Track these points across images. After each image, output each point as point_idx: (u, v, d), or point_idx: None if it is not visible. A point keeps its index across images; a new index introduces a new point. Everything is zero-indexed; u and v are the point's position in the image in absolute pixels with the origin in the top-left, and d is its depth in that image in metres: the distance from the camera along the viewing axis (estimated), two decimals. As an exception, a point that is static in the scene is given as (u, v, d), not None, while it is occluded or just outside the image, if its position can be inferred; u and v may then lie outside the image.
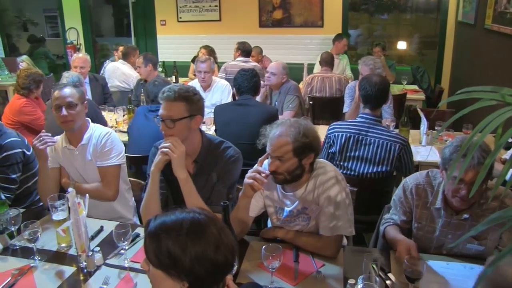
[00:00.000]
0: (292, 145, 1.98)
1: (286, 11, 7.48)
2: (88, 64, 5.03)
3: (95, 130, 2.69)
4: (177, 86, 2.20)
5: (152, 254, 1.23)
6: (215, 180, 2.30)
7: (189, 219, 1.24)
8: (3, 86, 7.38)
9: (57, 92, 2.57)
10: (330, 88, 5.26)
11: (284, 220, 2.20)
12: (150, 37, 8.35)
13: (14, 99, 4.37)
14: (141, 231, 2.30)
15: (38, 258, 2.09)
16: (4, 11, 9.73)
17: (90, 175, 2.68)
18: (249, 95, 3.54)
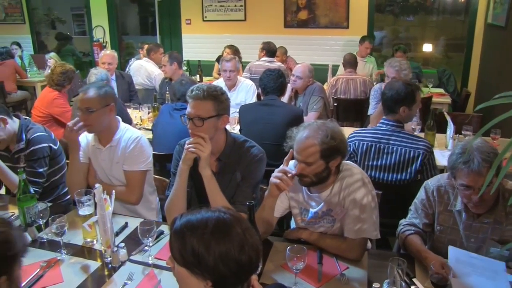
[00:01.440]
0: (319, 148, 1.97)
1: (312, 11, 7.45)
2: (115, 61, 5.12)
3: (125, 133, 2.68)
4: (205, 85, 2.20)
5: (177, 252, 1.23)
6: (239, 180, 2.29)
7: (214, 218, 1.24)
8: (32, 82, 7.53)
9: (81, 94, 2.56)
10: (355, 90, 5.22)
11: (309, 221, 2.20)
12: (175, 36, 8.42)
13: (46, 92, 4.46)
14: (165, 228, 2.33)
15: (65, 251, 2.12)
16: (34, 10, 9.94)
17: (116, 176, 2.70)
18: (274, 95, 3.53)
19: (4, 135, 2.62)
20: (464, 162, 1.88)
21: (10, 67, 7.15)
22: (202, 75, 6.63)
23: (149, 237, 2.00)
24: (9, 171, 2.64)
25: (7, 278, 1.22)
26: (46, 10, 11.44)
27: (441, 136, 3.85)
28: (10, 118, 2.69)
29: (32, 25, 9.75)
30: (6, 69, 7.09)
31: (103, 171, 2.70)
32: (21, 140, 2.71)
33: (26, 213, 2.28)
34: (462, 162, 1.88)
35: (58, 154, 2.87)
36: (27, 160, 2.68)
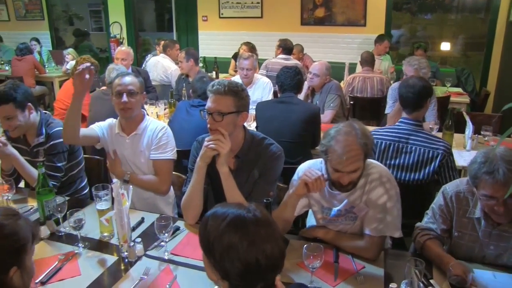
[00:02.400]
0: (363, 153, 1.96)
1: (328, 9, 7.40)
2: (130, 57, 5.14)
3: (151, 123, 2.75)
4: (227, 81, 2.21)
5: (200, 238, 1.28)
6: (257, 177, 2.29)
7: (235, 213, 1.26)
8: (50, 77, 7.62)
9: (119, 79, 2.65)
10: (372, 89, 5.19)
11: (331, 219, 2.18)
12: (191, 33, 8.43)
13: (69, 85, 4.53)
14: (181, 224, 2.34)
15: (82, 245, 2.14)
16: (53, 6, 10.06)
17: (138, 165, 2.73)
18: (291, 92, 3.52)
19: (23, 122, 2.65)
20: (488, 172, 1.79)
21: (29, 62, 7.27)
22: (218, 71, 6.64)
23: (165, 232, 2.00)
24: (28, 165, 2.67)
25: (17, 268, 1.23)
26: (64, 6, 11.57)
27: (459, 136, 3.79)
28: (35, 110, 2.73)
29: (51, 22, 9.89)
30: (25, 64, 7.21)
31: (125, 159, 2.73)
32: (40, 134, 2.74)
33: (45, 207, 2.30)
34: (485, 172, 1.80)
35: (76, 149, 2.89)
36: (46, 154, 2.71)
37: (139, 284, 1.86)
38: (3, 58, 8.61)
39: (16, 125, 2.63)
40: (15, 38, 9.09)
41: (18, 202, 2.64)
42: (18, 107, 2.60)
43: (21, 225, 1.26)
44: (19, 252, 1.24)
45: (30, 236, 1.29)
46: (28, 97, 2.67)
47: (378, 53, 6.45)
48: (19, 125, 2.65)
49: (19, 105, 2.60)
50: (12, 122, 2.62)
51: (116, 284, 1.87)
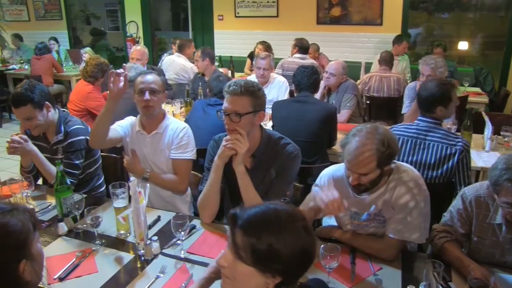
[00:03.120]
0: (376, 160, 1.91)
1: (345, 8, 7.36)
2: (145, 57, 5.17)
3: (172, 122, 2.77)
4: (243, 81, 2.20)
5: (248, 249, 1.17)
6: (273, 176, 2.28)
7: (283, 212, 1.23)
8: (68, 76, 7.70)
9: (141, 77, 2.69)
10: (388, 88, 5.14)
11: (361, 223, 2.15)
12: (207, 32, 8.46)
13: (81, 86, 4.53)
14: (197, 222, 2.34)
15: (99, 242, 2.16)
16: (71, 6, 10.18)
17: (158, 164, 2.75)
18: (308, 92, 3.50)
19: (43, 121, 2.68)
20: (510, 180, 1.75)
21: (47, 61, 7.37)
22: (234, 71, 6.65)
23: (182, 231, 2.01)
24: (47, 162, 2.70)
25: (26, 260, 1.24)
26: (82, 6, 11.67)
27: (478, 136, 3.74)
28: (53, 108, 2.76)
29: (69, 21, 10.02)
30: (44, 63, 7.31)
31: (144, 157, 2.75)
32: (59, 132, 2.77)
33: (63, 204, 2.32)
34: (507, 179, 1.76)
35: None
36: (64, 151, 2.74)
37: (155, 282, 1.87)
38: (23, 57, 8.74)
39: (36, 125, 2.67)
40: (34, 38, 9.21)
41: (37, 199, 2.67)
42: (36, 107, 2.63)
43: (19, 218, 1.25)
44: (24, 245, 1.25)
45: (30, 226, 1.28)
46: (45, 96, 2.70)
47: (396, 53, 6.38)
48: (39, 124, 2.68)
49: (37, 105, 2.63)
50: (32, 122, 2.65)
51: (133, 282, 1.88)
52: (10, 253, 1.21)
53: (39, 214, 2.45)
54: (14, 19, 9.98)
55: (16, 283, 1.22)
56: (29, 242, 1.26)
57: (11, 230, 1.21)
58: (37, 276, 1.30)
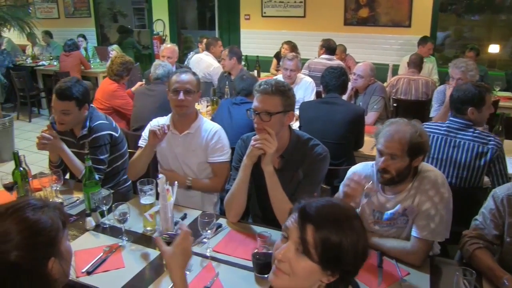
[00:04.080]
0: (408, 142, 1.96)
1: (373, 9, 7.27)
2: (175, 55, 5.22)
3: (205, 123, 2.78)
4: (274, 80, 2.20)
5: (319, 245, 1.15)
6: (301, 177, 2.27)
7: (352, 213, 1.22)
8: (95, 72, 7.82)
9: (177, 76, 2.70)
10: (416, 91, 5.05)
11: (384, 223, 2.15)
12: (233, 31, 8.47)
13: (106, 84, 4.58)
14: (223, 221, 2.34)
15: (126, 238, 2.17)
16: (99, 4, 10.34)
17: (189, 165, 2.76)
18: (336, 93, 3.47)
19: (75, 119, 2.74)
20: None
21: (76, 58, 7.50)
22: (260, 70, 6.64)
23: (208, 229, 2.01)
24: (75, 158, 2.74)
25: (54, 258, 1.23)
26: (110, 4, 11.82)
27: (510, 142, 3.66)
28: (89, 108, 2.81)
29: (97, 19, 10.18)
30: (72, 60, 7.43)
31: (175, 157, 2.76)
32: (85, 126, 2.81)
33: (91, 199, 2.36)
34: None
35: (119, 141, 2.95)
36: (89, 147, 2.77)
37: (181, 279, 1.87)
38: (52, 54, 8.91)
39: (69, 120, 2.71)
40: (63, 35, 9.38)
41: (65, 193, 2.71)
42: (77, 105, 2.69)
43: (49, 215, 1.25)
44: (53, 243, 1.24)
45: (60, 223, 1.27)
46: (87, 97, 2.76)
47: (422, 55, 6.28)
48: (72, 121, 2.73)
49: (79, 104, 2.69)
50: (67, 117, 2.70)
51: (159, 279, 1.88)
52: (40, 251, 1.20)
53: (67, 208, 2.48)
54: (44, 17, 10.17)
55: (44, 280, 1.22)
56: (59, 239, 1.26)
57: (41, 227, 1.21)
58: (65, 274, 1.29)
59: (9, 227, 1.17)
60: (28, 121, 7.89)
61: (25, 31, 5.92)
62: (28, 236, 1.18)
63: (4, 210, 1.21)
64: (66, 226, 1.31)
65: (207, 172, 2.79)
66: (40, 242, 1.20)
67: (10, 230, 1.17)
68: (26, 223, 1.19)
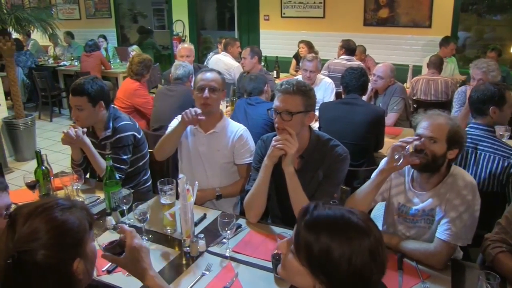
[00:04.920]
0: (449, 129, 1.99)
1: (392, 10, 7.21)
2: (193, 54, 5.22)
3: (230, 123, 2.79)
4: (295, 80, 2.20)
5: (304, 245, 1.14)
6: (321, 178, 2.26)
7: (354, 223, 1.14)
8: (115, 73, 7.90)
9: (202, 74, 2.72)
10: (436, 91, 4.99)
11: (408, 217, 2.14)
12: (253, 32, 8.48)
13: (128, 83, 4.63)
14: (243, 222, 2.33)
15: (146, 238, 2.18)
16: (119, 5, 10.46)
17: (213, 164, 2.76)
18: (356, 94, 3.45)
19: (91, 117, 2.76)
20: None
21: (96, 58, 7.59)
22: (279, 71, 6.63)
23: (228, 229, 2.01)
24: (98, 156, 2.76)
25: (80, 259, 1.24)
26: (130, 5, 11.95)
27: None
28: (106, 108, 2.83)
29: (117, 19, 10.31)
30: (93, 60, 7.53)
31: (199, 156, 2.76)
32: (108, 128, 2.83)
33: (111, 198, 2.37)
34: None
35: (141, 142, 2.97)
36: (112, 147, 2.79)
37: (201, 279, 1.87)
38: (73, 54, 9.05)
39: (83, 117, 2.74)
40: (84, 35, 9.52)
41: (86, 192, 2.74)
42: (90, 102, 2.71)
43: (77, 216, 1.25)
44: (80, 244, 1.25)
45: (87, 224, 1.28)
46: (102, 95, 2.77)
47: (444, 55, 6.19)
48: (86, 118, 2.75)
49: (91, 100, 2.71)
50: (81, 114, 2.73)
51: (179, 278, 1.89)
52: (67, 251, 1.21)
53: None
54: (66, 18, 10.34)
55: (69, 281, 1.23)
56: (85, 240, 1.26)
57: (69, 228, 1.22)
58: (89, 275, 1.30)
59: (38, 226, 1.18)
60: (49, 121, 8.01)
61: (47, 32, 6.02)
62: (56, 236, 1.19)
63: (34, 209, 1.22)
64: (92, 227, 1.32)
65: (229, 172, 2.80)
66: (67, 243, 1.21)
67: (39, 229, 1.18)
68: (54, 223, 1.20)
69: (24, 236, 1.17)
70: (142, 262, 1.52)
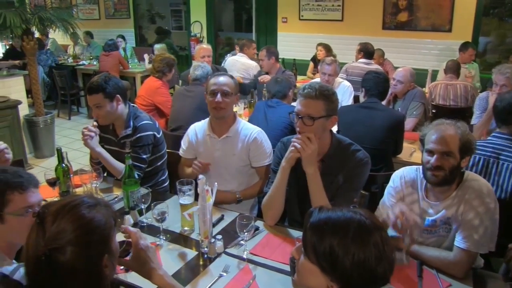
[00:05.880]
0: (459, 138, 1.95)
1: (412, 13, 7.13)
2: (211, 54, 5.24)
3: (244, 126, 2.77)
4: (317, 84, 2.18)
5: (311, 247, 1.20)
6: (341, 182, 2.24)
7: (356, 221, 1.19)
8: (133, 73, 7.96)
9: (215, 78, 2.72)
10: (455, 96, 4.92)
11: (425, 229, 2.10)
12: (270, 34, 8.47)
13: (150, 81, 4.67)
14: (260, 224, 2.33)
15: (164, 237, 2.19)
16: (138, 5, 10.56)
17: (229, 168, 2.76)
18: (376, 98, 3.42)
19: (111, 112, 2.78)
20: None
21: (115, 58, 7.66)
22: (297, 74, 6.61)
23: (246, 231, 2.00)
24: (111, 159, 2.79)
25: (108, 255, 1.27)
26: (148, 5, 12.04)
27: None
28: (124, 102, 2.85)
29: (136, 20, 10.40)
30: (111, 59, 7.60)
31: (215, 162, 2.76)
32: (128, 126, 2.85)
33: (130, 197, 2.39)
34: None
35: (160, 142, 2.99)
36: (132, 146, 2.81)
37: (218, 281, 1.87)
38: (92, 53, 9.15)
39: (103, 114, 2.76)
40: (103, 35, 9.62)
41: (104, 191, 2.76)
42: (106, 97, 2.73)
43: (103, 213, 1.28)
44: (107, 240, 1.28)
45: (113, 222, 1.31)
46: (117, 89, 2.79)
47: (463, 61, 6.11)
48: (107, 114, 2.77)
49: (107, 96, 2.73)
50: (101, 111, 2.75)
51: (196, 279, 1.90)
52: (95, 248, 1.24)
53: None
54: (86, 18, 10.46)
55: (99, 277, 1.26)
56: (111, 237, 1.29)
57: (96, 225, 1.24)
58: (114, 271, 1.33)
59: (67, 224, 1.21)
60: (68, 119, 8.10)
61: (68, 32, 6.10)
62: (84, 234, 1.22)
63: (61, 207, 1.24)
64: (116, 223, 1.35)
65: (247, 175, 2.80)
66: (95, 240, 1.24)
67: (68, 227, 1.20)
68: (82, 220, 1.23)
69: (54, 234, 1.19)
70: (150, 262, 1.55)
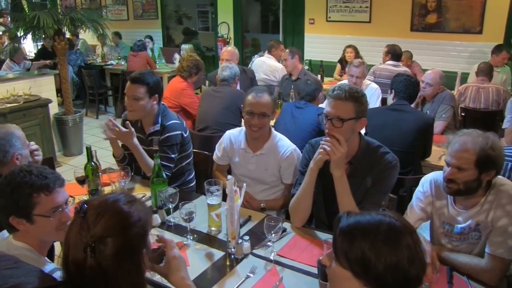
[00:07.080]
0: (477, 154, 1.86)
1: (441, 15, 7.00)
2: (235, 57, 5.17)
3: (279, 142, 2.76)
4: (347, 85, 2.17)
5: (342, 252, 1.18)
6: (369, 185, 2.22)
7: (386, 224, 1.18)
8: (160, 73, 8.03)
9: (253, 97, 2.66)
10: (486, 100, 4.82)
11: (453, 236, 2.07)
12: (297, 35, 8.45)
13: (176, 82, 4.66)
14: (287, 226, 2.32)
15: (191, 237, 2.21)
16: (165, 6, 10.67)
17: (262, 180, 2.79)
18: (406, 101, 3.37)
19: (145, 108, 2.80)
20: None
21: (143, 58, 7.76)
22: (324, 75, 6.57)
23: (273, 233, 2.00)
24: (146, 156, 2.80)
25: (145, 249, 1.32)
26: (175, 6, 12.14)
27: None
28: (158, 103, 2.89)
29: (163, 21, 10.51)
30: (139, 60, 7.70)
31: (249, 173, 2.80)
32: (156, 123, 2.88)
33: (157, 196, 2.41)
34: None
35: (187, 141, 3.01)
36: (161, 145, 2.84)
37: (245, 281, 1.88)
38: (120, 54, 9.29)
39: (138, 107, 2.79)
40: (131, 36, 9.76)
41: (131, 190, 2.80)
42: (148, 92, 2.77)
43: (140, 209, 1.32)
44: (145, 235, 1.32)
45: (149, 218, 1.37)
46: (158, 89, 2.85)
47: (495, 64, 5.96)
48: (141, 108, 2.79)
49: (149, 90, 2.78)
50: (137, 104, 2.78)
51: (223, 279, 1.90)
52: (136, 241, 1.28)
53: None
54: (115, 18, 10.62)
55: (138, 269, 1.30)
56: (148, 232, 1.34)
57: (136, 219, 1.29)
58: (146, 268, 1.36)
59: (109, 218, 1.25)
60: (96, 118, 8.24)
61: (98, 32, 6.21)
62: (126, 227, 1.27)
63: (103, 203, 1.29)
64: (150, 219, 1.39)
65: (280, 188, 2.82)
66: (135, 233, 1.28)
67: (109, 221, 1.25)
68: (124, 215, 1.28)
69: (98, 228, 1.23)
70: (182, 271, 1.60)
